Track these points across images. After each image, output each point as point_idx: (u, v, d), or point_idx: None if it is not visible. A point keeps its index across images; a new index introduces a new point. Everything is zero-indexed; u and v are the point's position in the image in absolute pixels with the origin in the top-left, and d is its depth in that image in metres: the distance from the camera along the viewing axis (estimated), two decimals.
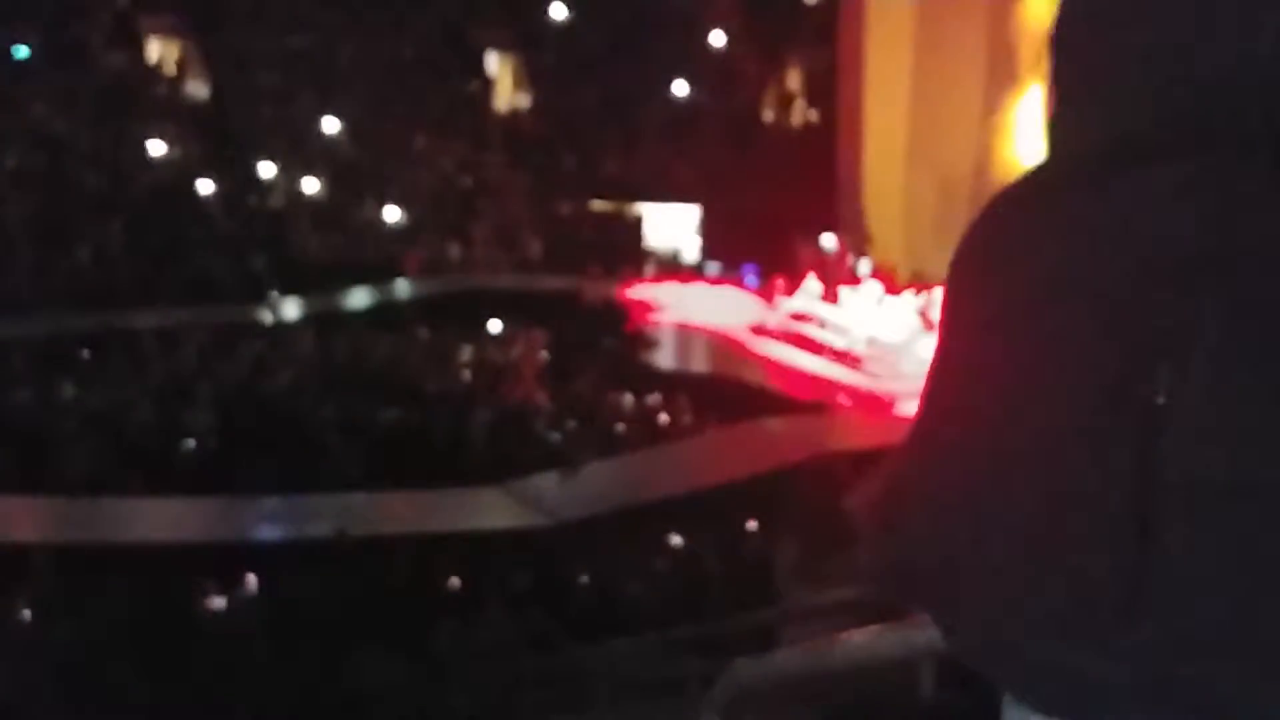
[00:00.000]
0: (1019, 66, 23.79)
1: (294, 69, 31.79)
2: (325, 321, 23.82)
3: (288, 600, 11.08)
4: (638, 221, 30.70)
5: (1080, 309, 0.60)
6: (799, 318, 22.75)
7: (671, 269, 28.61)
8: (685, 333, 23.96)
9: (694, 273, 28.06)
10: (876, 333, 21.25)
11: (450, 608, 10.91)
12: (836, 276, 24.17)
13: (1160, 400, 0.56)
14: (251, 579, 11.54)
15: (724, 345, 23.03)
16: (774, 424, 17.34)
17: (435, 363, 20.66)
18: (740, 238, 27.19)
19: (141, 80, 30.95)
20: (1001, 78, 24.10)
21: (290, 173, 29.47)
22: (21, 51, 30.56)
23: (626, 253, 28.68)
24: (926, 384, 0.73)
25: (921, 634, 3.08)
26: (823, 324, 22.02)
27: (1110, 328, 0.58)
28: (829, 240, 26.06)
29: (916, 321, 21.39)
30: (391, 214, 29.32)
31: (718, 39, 33.88)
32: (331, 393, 18.04)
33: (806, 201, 26.85)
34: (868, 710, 3.40)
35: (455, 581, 11.60)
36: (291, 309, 24.96)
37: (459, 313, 23.48)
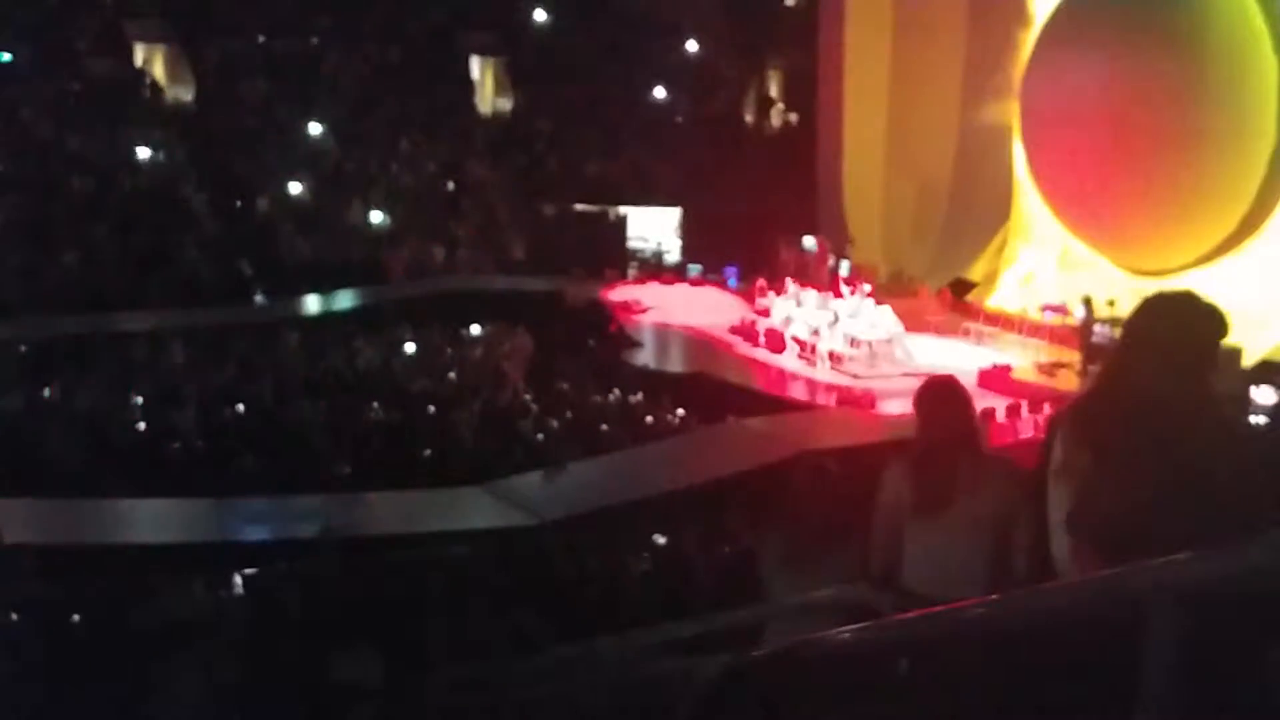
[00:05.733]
0: (996, 70, 23.99)
1: (279, 73, 31.81)
2: (311, 323, 23.86)
3: (272, 601, 11.13)
4: (620, 223, 30.79)
5: None
6: (774, 317, 22.90)
7: (654, 270, 28.72)
8: (668, 333, 24.07)
9: (676, 274, 28.17)
10: (857, 331, 21.37)
11: (435, 608, 10.97)
12: (817, 276, 24.32)
13: None
14: (237, 579, 11.58)
15: (706, 345, 23.15)
16: (756, 423, 17.43)
17: (419, 364, 20.72)
18: (722, 239, 27.33)
19: (128, 85, 30.91)
20: (979, 81, 24.30)
21: (276, 176, 29.46)
22: (6, 56, 30.49)
23: (609, 254, 28.78)
24: None
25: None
26: (803, 323, 22.14)
27: None
28: (809, 241, 26.21)
29: (896, 321, 21.54)
30: (376, 216, 29.36)
31: (699, 43, 34.01)
32: (317, 394, 18.10)
33: (787, 203, 27.02)
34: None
35: (439, 581, 11.65)
36: (277, 311, 25.01)
37: (443, 314, 23.56)
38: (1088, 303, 20.67)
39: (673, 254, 30.43)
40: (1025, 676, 2.94)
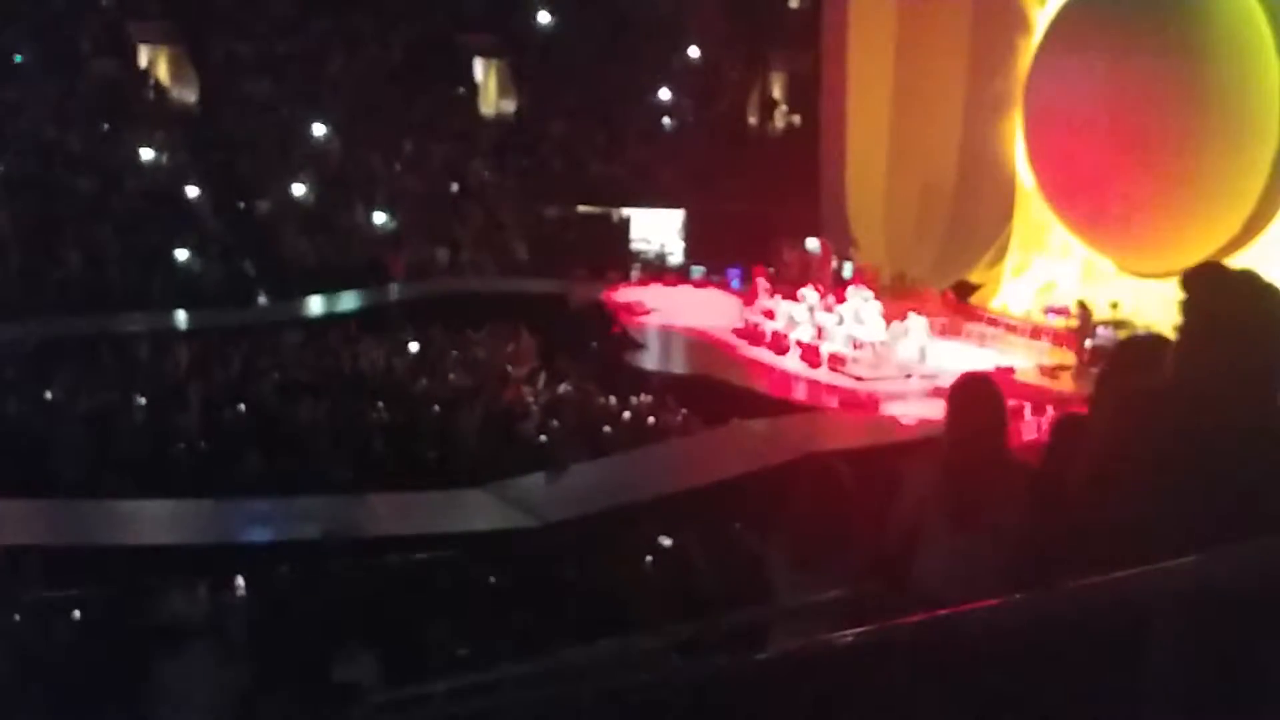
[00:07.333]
0: (1000, 72, 23.96)
1: (282, 75, 31.81)
2: (313, 325, 23.86)
3: (274, 602, 11.12)
4: (623, 225, 30.77)
5: None
6: (777, 319, 22.87)
7: (657, 272, 28.67)
8: (670, 335, 24.04)
9: (679, 276, 28.12)
10: (860, 333, 21.34)
11: (437, 610, 10.95)
12: (820, 278, 24.31)
13: None
14: (239, 581, 11.56)
15: (709, 347, 23.12)
16: (760, 425, 17.41)
17: (422, 365, 20.71)
18: (725, 241, 27.31)
19: (131, 86, 30.91)
20: (982, 83, 24.27)
21: (279, 177, 29.46)
22: (14, 58, 30.50)
23: (612, 256, 28.76)
24: None
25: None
26: (807, 325, 22.12)
27: None
28: (813, 243, 26.17)
29: (898, 323, 21.49)
30: (379, 218, 29.34)
31: (702, 45, 33.96)
32: (320, 395, 18.08)
33: (790, 205, 27.00)
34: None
35: (442, 583, 11.63)
36: (281, 312, 25.03)
37: (446, 315, 23.54)
38: (1082, 306, 20.75)
39: (676, 256, 30.41)
40: (1032, 677, 2.93)
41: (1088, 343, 20.11)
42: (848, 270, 24.88)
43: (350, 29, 32.94)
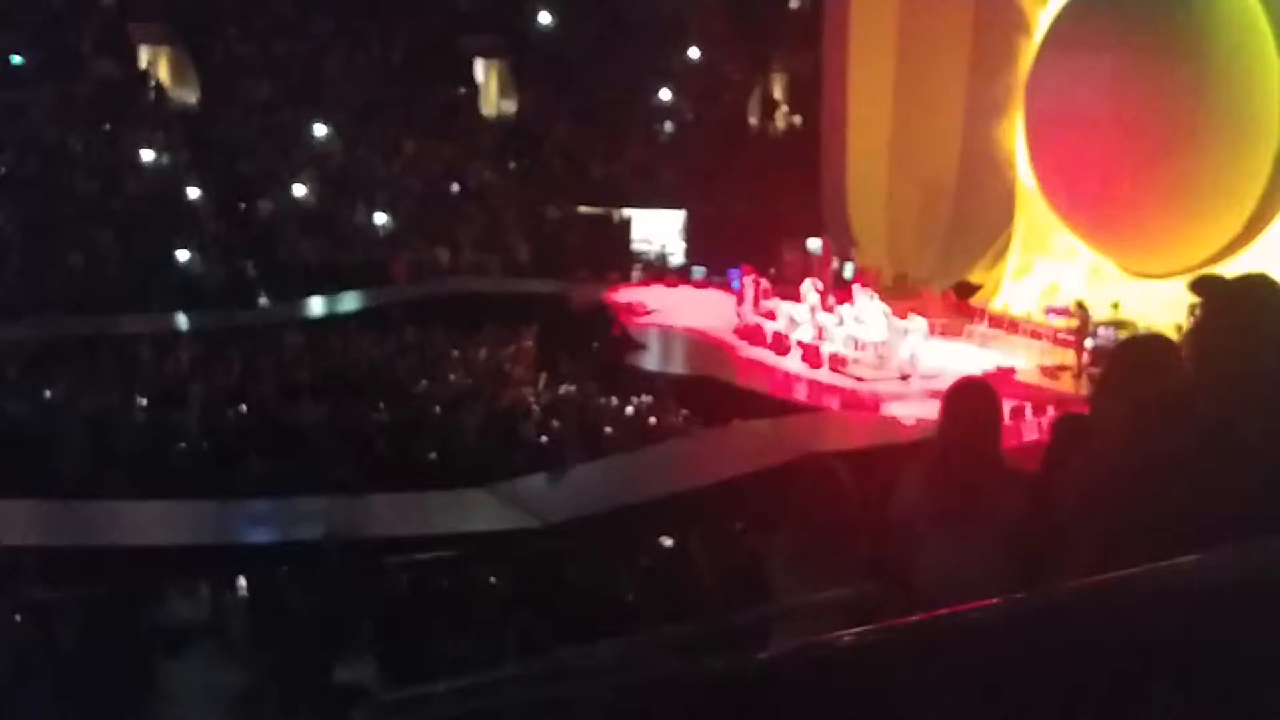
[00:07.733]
0: (1001, 72, 23.97)
1: (282, 75, 31.81)
2: (314, 325, 23.86)
3: (276, 603, 11.12)
4: (624, 226, 30.76)
5: None
6: (774, 319, 22.87)
7: (658, 273, 28.67)
8: (671, 335, 24.04)
9: (680, 276, 28.11)
10: (861, 334, 21.35)
11: (438, 610, 10.95)
12: (821, 279, 24.33)
13: None
14: (240, 582, 11.56)
15: (710, 347, 23.11)
16: (761, 425, 17.40)
17: (423, 366, 20.71)
18: (726, 242, 27.32)
19: (132, 87, 30.92)
20: (983, 83, 24.28)
21: (279, 178, 29.47)
22: (14, 59, 30.49)
23: (613, 257, 28.76)
24: None
25: None
26: (807, 325, 22.11)
27: None
28: (814, 243, 26.17)
29: (899, 323, 21.50)
30: (380, 218, 29.34)
31: (702, 45, 33.96)
32: (321, 396, 18.08)
33: (791, 206, 27.00)
34: None
35: (443, 584, 11.62)
36: (280, 313, 25.05)
37: (447, 316, 23.54)
38: (1080, 306, 20.77)
39: (677, 256, 30.41)
40: (1030, 678, 2.93)
41: (1089, 343, 20.13)
42: (848, 270, 24.89)
43: (350, 29, 32.94)
